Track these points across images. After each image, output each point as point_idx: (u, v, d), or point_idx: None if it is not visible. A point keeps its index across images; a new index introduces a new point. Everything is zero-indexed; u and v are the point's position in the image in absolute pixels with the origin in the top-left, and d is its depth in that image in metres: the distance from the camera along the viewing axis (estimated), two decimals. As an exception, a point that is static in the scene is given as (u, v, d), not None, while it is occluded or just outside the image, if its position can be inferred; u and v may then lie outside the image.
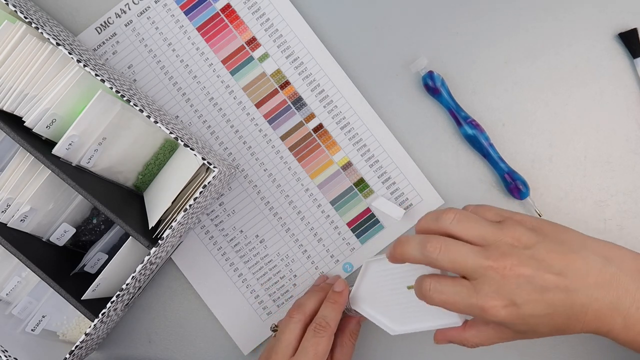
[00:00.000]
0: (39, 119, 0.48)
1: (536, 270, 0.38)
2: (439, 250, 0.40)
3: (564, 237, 0.41)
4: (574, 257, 0.39)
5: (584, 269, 0.39)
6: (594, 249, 0.40)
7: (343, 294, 0.49)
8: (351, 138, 0.56)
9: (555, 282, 0.38)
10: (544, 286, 0.38)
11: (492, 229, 0.40)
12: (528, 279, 0.38)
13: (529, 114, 0.55)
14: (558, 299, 0.38)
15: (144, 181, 0.55)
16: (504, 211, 0.43)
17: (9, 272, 0.53)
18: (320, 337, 0.46)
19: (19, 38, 0.48)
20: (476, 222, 0.41)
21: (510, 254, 0.39)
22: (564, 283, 0.38)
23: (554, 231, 0.41)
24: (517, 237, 0.39)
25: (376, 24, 0.56)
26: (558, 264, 0.39)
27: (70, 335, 0.54)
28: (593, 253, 0.40)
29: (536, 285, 0.38)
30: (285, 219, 0.56)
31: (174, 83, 0.57)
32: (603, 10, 0.55)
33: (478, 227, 0.40)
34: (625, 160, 0.54)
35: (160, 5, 0.57)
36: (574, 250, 0.40)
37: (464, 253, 0.39)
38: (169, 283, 0.56)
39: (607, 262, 0.39)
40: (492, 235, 0.40)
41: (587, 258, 0.39)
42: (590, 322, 0.39)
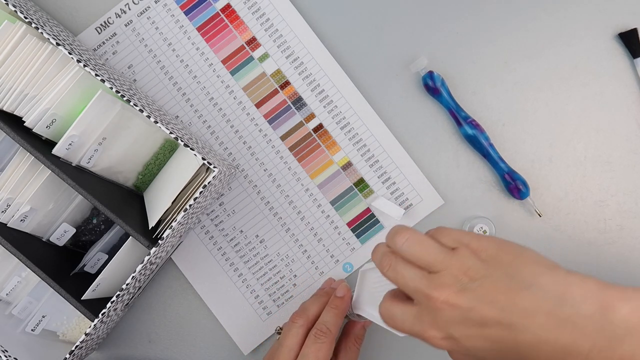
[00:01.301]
0: (39, 119, 0.48)
1: (475, 304, 0.36)
2: (389, 268, 0.40)
3: (516, 272, 0.37)
4: (522, 295, 0.36)
5: (531, 308, 0.35)
6: (547, 287, 0.36)
7: (345, 299, 0.49)
8: (351, 138, 0.56)
9: (495, 318, 0.36)
10: (482, 321, 0.36)
11: (441, 256, 0.38)
12: (464, 312, 0.36)
13: (529, 114, 0.55)
14: (500, 336, 0.36)
15: (144, 181, 0.55)
16: (465, 236, 0.39)
17: (9, 272, 0.53)
18: (320, 342, 0.46)
19: (19, 38, 0.48)
20: (427, 247, 0.39)
21: (450, 285, 0.37)
22: (507, 320, 0.35)
23: (508, 264, 0.37)
24: (464, 268, 0.37)
25: (376, 24, 0.56)
26: (502, 300, 0.36)
27: (70, 335, 0.54)
28: (546, 291, 0.36)
29: (473, 319, 0.36)
30: (285, 219, 0.56)
31: (174, 83, 0.57)
32: (603, 10, 0.55)
33: (427, 253, 0.39)
34: (625, 160, 0.54)
35: (160, 5, 0.57)
36: (524, 287, 0.36)
37: (408, 277, 0.39)
38: (169, 283, 0.56)
39: (562, 301, 0.35)
40: (439, 263, 0.38)
41: (536, 296, 0.35)
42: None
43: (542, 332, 0.35)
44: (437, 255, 0.38)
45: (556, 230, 0.54)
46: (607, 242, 0.54)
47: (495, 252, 0.38)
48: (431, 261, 0.38)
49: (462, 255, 0.38)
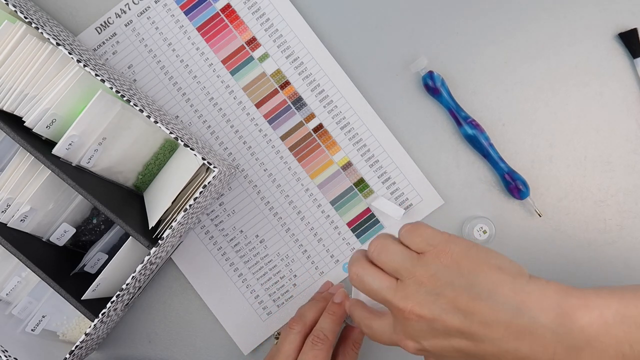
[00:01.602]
0: (39, 119, 0.48)
1: (438, 314, 0.36)
2: (355, 277, 0.41)
3: (478, 280, 0.36)
4: (481, 305, 0.36)
5: (490, 319, 0.35)
6: (506, 297, 0.35)
7: (342, 305, 0.49)
8: (351, 138, 0.56)
9: (458, 328, 0.36)
10: (446, 331, 0.37)
11: (407, 264, 0.38)
12: (429, 322, 0.37)
13: (529, 114, 0.55)
14: (465, 346, 0.36)
15: (144, 181, 0.55)
16: (436, 237, 0.39)
17: (9, 272, 0.53)
18: (318, 349, 0.46)
19: (19, 38, 0.48)
20: (393, 254, 0.39)
21: (414, 295, 0.37)
22: (468, 330, 0.36)
23: (470, 271, 0.37)
24: (428, 275, 0.37)
25: (376, 24, 0.56)
26: (463, 309, 0.36)
27: (70, 335, 0.54)
28: (504, 302, 0.35)
29: (438, 329, 0.37)
30: (285, 219, 0.56)
31: (174, 83, 0.57)
32: (603, 10, 0.55)
33: (394, 260, 0.39)
34: (625, 160, 0.54)
35: (160, 5, 0.57)
36: (482, 297, 0.36)
37: (374, 286, 0.39)
38: (169, 283, 0.56)
39: (519, 312, 0.35)
40: (405, 271, 0.38)
41: (494, 307, 0.35)
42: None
43: (502, 343, 0.35)
44: (404, 262, 0.39)
45: (556, 230, 0.54)
46: (607, 242, 0.54)
47: (460, 258, 0.37)
48: (398, 268, 0.39)
49: (427, 261, 0.38)
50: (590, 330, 0.34)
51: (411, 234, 0.40)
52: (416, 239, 0.39)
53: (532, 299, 0.35)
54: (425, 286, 0.37)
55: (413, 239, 0.39)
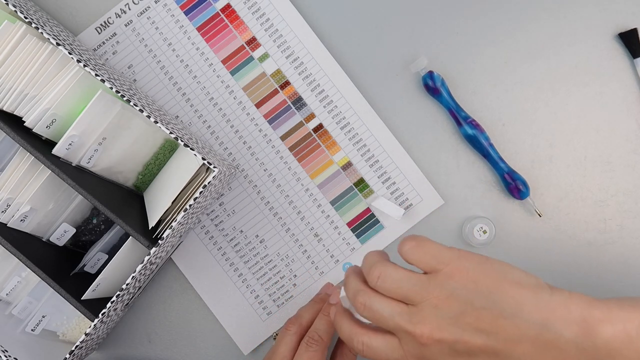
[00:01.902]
0: (39, 119, 0.48)
1: (460, 336, 0.36)
2: (363, 307, 0.39)
3: (499, 298, 0.36)
4: (505, 323, 0.35)
5: (516, 336, 0.35)
6: (531, 314, 0.35)
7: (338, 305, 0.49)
8: (351, 138, 0.56)
9: (481, 347, 0.35)
10: (469, 351, 0.36)
11: (417, 288, 0.37)
12: (451, 344, 0.36)
13: (529, 114, 0.55)
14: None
15: (144, 181, 0.55)
16: (444, 253, 0.38)
17: (9, 272, 0.53)
18: (312, 351, 0.46)
19: (19, 38, 0.48)
20: (400, 281, 0.38)
21: (430, 319, 0.36)
22: (493, 348, 0.35)
23: (490, 289, 0.36)
24: (444, 297, 0.36)
25: (376, 24, 0.56)
26: (487, 328, 0.35)
27: (70, 335, 0.54)
28: (528, 319, 0.35)
29: (460, 350, 0.36)
30: (285, 219, 0.56)
31: (174, 83, 0.57)
32: (603, 10, 0.55)
33: (402, 287, 0.37)
34: (625, 160, 0.54)
35: (160, 5, 0.57)
36: (506, 315, 0.35)
37: (386, 314, 0.38)
38: (169, 283, 0.56)
39: (544, 327, 0.35)
40: (416, 295, 0.37)
41: (519, 325, 0.35)
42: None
43: (527, 358, 0.35)
44: (414, 287, 0.37)
45: (556, 230, 0.54)
46: (607, 242, 0.54)
47: (476, 275, 0.37)
48: (408, 294, 0.37)
49: (441, 281, 0.37)
50: (614, 344, 0.34)
51: (417, 251, 0.38)
52: (424, 257, 0.38)
53: (557, 314, 0.35)
54: (443, 308, 0.36)
55: (420, 257, 0.38)
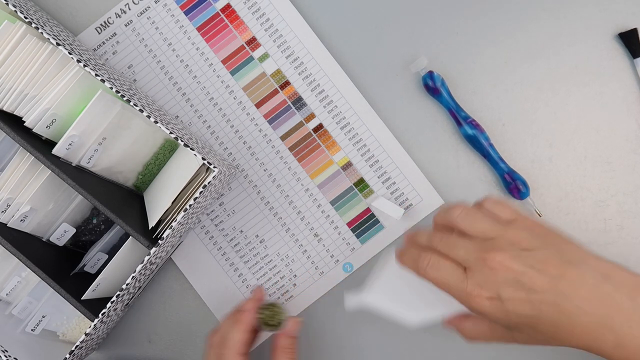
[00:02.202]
0: (39, 119, 0.48)
1: (528, 270, 0.39)
2: (439, 241, 0.42)
3: (566, 250, 0.40)
4: (571, 268, 0.39)
5: (578, 281, 0.38)
6: (593, 265, 0.39)
7: (248, 314, 0.49)
8: (351, 138, 0.56)
9: (544, 286, 0.38)
10: (532, 287, 0.39)
11: (496, 227, 0.41)
12: (517, 275, 0.39)
13: (529, 114, 0.55)
14: (544, 303, 0.38)
15: (144, 181, 0.55)
16: (520, 213, 0.42)
17: (9, 272, 0.53)
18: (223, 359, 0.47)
19: (19, 38, 0.48)
20: (482, 218, 0.42)
21: (505, 249, 0.40)
22: (554, 288, 0.38)
23: (558, 241, 0.41)
24: (519, 238, 0.40)
25: (376, 24, 0.56)
26: (552, 270, 0.39)
27: (70, 335, 0.54)
28: (591, 269, 0.39)
29: (524, 284, 0.39)
30: (285, 219, 0.56)
31: (174, 83, 0.57)
32: (603, 10, 0.55)
33: (482, 223, 0.41)
34: (625, 160, 0.54)
35: (160, 5, 0.57)
36: (573, 262, 0.39)
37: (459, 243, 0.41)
38: (169, 283, 0.56)
39: (604, 279, 0.39)
40: (494, 232, 0.41)
41: (583, 271, 0.39)
42: (579, 336, 0.39)
43: (584, 304, 0.38)
44: (493, 225, 0.41)
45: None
46: (607, 242, 0.54)
47: (548, 232, 0.41)
48: (486, 230, 0.41)
49: (518, 226, 0.41)
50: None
51: (499, 205, 0.43)
52: (506, 209, 0.42)
53: (615, 271, 0.39)
54: (517, 244, 0.40)
55: (502, 209, 0.42)
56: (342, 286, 0.55)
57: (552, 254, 0.40)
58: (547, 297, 0.38)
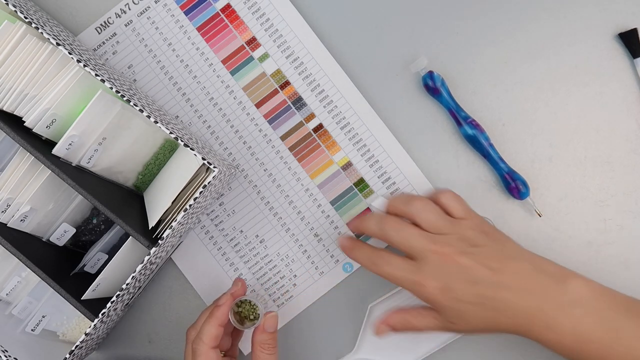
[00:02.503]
0: (39, 119, 0.48)
1: (474, 264, 0.44)
2: (395, 229, 0.47)
3: (507, 245, 0.47)
4: (511, 262, 0.45)
5: (517, 272, 0.45)
6: (528, 259, 0.46)
7: (222, 308, 0.49)
8: (351, 138, 0.56)
9: (488, 277, 0.44)
10: (477, 278, 0.44)
11: (448, 224, 0.47)
12: (464, 269, 0.44)
13: (529, 114, 0.55)
14: (488, 292, 0.44)
15: (144, 181, 0.55)
16: (470, 212, 0.48)
17: (9, 272, 0.53)
18: (196, 356, 0.48)
19: (19, 38, 0.48)
20: (437, 215, 0.47)
21: (455, 245, 0.45)
22: (496, 279, 0.44)
23: (500, 239, 0.47)
24: (467, 235, 0.46)
25: (376, 24, 0.56)
26: (495, 264, 0.45)
27: (70, 335, 0.54)
28: (527, 262, 0.45)
29: (470, 275, 0.44)
30: (285, 219, 0.56)
31: (174, 83, 0.57)
32: (603, 10, 0.55)
33: (437, 219, 0.47)
34: (625, 160, 0.54)
35: (160, 5, 0.57)
36: (512, 257, 0.46)
37: (415, 236, 0.46)
38: (169, 283, 0.56)
39: (538, 271, 0.45)
40: (446, 228, 0.46)
41: (522, 264, 0.45)
42: (516, 320, 0.44)
43: (522, 292, 0.44)
44: (446, 222, 0.47)
45: (556, 230, 0.54)
46: (607, 242, 0.54)
47: (492, 230, 0.48)
48: (440, 226, 0.46)
49: (467, 225, 0.47)
50: (583, 293, 0.43)
51: (454, 201, 0.48)
52: (459, 206, 0.48)
53: (548, 265, 0.46)
54: (467, 241, 0.46)
55: (457, 206, 0.48)
56: (342, 286, 0.55)
57: (495, 250, 0.46)
58: (489, 287, 0.44)
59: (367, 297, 0.55)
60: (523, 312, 0.44)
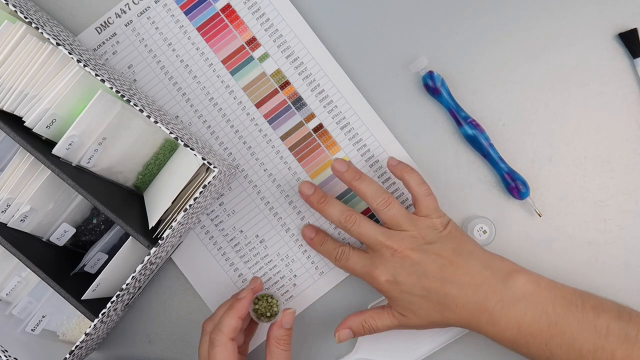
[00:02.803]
0: (39, 119, 0.48)
1: (424, 259, 0.47)
2: (353, 223, 0.50)
3: (461, 242, 0.49)
4: (458, 259, 0.48)
5: (462, 269, 0.47)
6: (477, 257, 0.48)
7: (242, 301, 0.49)
8: (351, 138, 0.56)
9: (434, 272, 0.47)
10: (424, 272, 0.47)
11: (407, 222, 0.49)
12: (413, 262, 0.47)
13: (529, 114, 0.55)
14: (433, 286, 0.47)
15: (144, 181, 0.55)
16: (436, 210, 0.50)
17: (9, 272, 0.53)
18: (213, 346, 0.48)
19: (19, 38, 0.48)
20: (399, 212, 0.49)
21: (408, 241, 0.48)
22: (442, 274, 0.47)
23: (456, 237, 0.49)
24: (423, 234, 0.48)
25: (376, 24, 0.56)
26: (443, 260, 0.47)
27: (70, 335, 0.54)
28: (475, 258, 0.48)
29: (418, 269, 0.47)
30: (285, 219, 0.56)
31: (174, 83, 0.57)
32: (603, 10, 0.55)
33: (398, 216, 0.49)
34: (625, 160, 0.54)
35: (160, 5, 0.57)
36: (462, 253, 0.48)
37: (372, 231, 0.49)
38: (169, 283, 0.56)
39: (484, 267, 0.47)
40: (404, 225, 0.49)
41: (468, 261, 0.47)
42: (461, 314, 0.47)
43: (465, 287, 0.47)
44: (406, 220, 0.49)
45: (556, 230, 0.54)
46: (607, 242, 0.54)
47: (451, 229, 0.49)
48: (399, 222, 0.49)
49: (424, 224, 0.49)
50: (527, 289, 0.46)
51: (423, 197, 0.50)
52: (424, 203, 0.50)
53: (496, 262, 0.48)
54: (417, 239, 0.48)
55: (423, 202, 0.50)
56: (342, 286, 0.55)
57: (447, 247, 0.48)
58: (435, 280, 0.47)
59: (367, 297, 0.55)
60: (467, 307, 0.46)
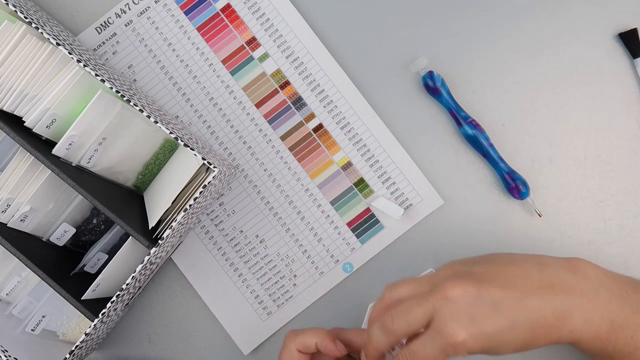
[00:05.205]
0: (39, 119, 0.48)
1: (480, 287, 0.38)
2: (392, 319, 0.39)
3: (492, 258, 0.42)
4: (510, 269, 0.40)
5: (523, 276, 0.39)
6: (524, 259, 0.41)
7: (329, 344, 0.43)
8: (351, 138, 0.56)
9: (503, 294, 0.38)
10: (494, 301, 0.38)
11: (425, 278, 0.41)
12: (476, 295, 0.38)
13: (529, 114, 0.55)
14: (514, 310, 0.38)
15: (144, 181, 0.55)
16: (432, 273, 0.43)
17: (9, 272, 0.53)
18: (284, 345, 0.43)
19: (19, 38, 0.48)
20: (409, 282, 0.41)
21: (447, 279, 0.39)
22: (512, 293, 0.38)
23: (482, 258, 0.42)
24: (449, 267, 0.41)
25: (376, 24, 0.56)
26: (498, 278, 0.39)
27: (70, 335, 0.54)
28: (524, 262, 0.41)
29: (486, 301, 0.38)
30: (285, 219, 0.56)
31: (174, 83, 0.57)
32: (603, 10, 0.55)
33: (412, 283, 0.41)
34: (625, 160, 0.54)
35: (160, 5, 0.57)
36: (507, 263, 0.41)
37: (410, 306, 0.39)
38: (169, 283, 0.56)
39: (542, 265, 0.40)
40: (427, 280, 0.40)
41: (522, 267, 0.40)
42: (552, 326, 0.38)
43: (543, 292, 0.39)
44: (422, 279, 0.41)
45: (556, 230, 0.54)
46: (607, 242, 0.54)
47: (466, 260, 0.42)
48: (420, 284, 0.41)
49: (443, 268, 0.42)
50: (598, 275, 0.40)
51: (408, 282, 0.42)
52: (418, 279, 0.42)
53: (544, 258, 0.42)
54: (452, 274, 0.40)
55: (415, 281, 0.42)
56: (342, 286, 0.55)
57: (486, 266, 0.40)
58: (511, 303, 0.38)
59: (367, 297, 0.55)
60: (556, 315, 0.38)
